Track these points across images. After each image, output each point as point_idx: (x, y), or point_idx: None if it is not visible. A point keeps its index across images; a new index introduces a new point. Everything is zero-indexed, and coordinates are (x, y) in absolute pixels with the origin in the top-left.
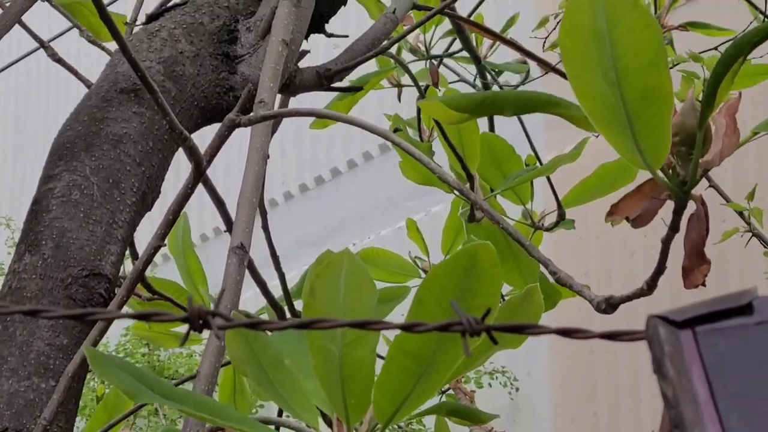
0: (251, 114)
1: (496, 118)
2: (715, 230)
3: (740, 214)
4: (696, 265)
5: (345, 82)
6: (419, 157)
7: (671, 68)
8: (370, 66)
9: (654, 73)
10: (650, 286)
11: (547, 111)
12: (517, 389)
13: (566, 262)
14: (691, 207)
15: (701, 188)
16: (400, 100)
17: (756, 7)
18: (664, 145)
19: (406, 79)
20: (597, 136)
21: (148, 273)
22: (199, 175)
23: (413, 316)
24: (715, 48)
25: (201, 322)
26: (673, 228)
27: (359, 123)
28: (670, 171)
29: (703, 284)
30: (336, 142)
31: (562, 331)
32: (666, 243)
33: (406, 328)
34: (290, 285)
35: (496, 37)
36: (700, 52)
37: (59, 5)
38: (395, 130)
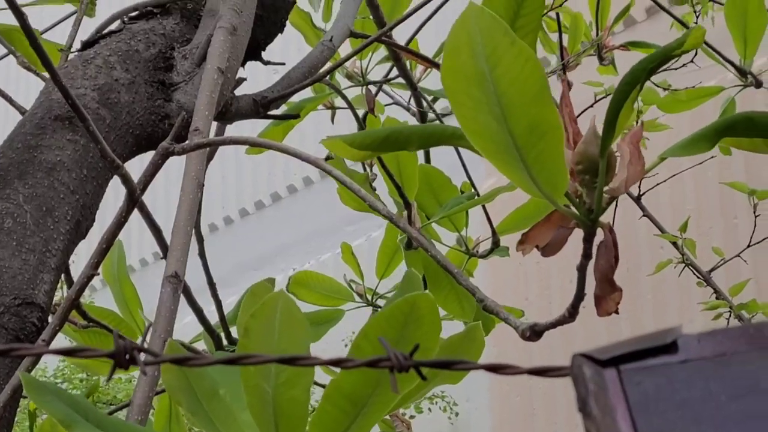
0: (186, 142)
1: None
2: (654, 258)
3: (674, 244)
4: (607, 293)
5: (282, 108)
6: (350, 186)
7: (605, 97)
8: (307, 91)
9: (539, 107)
10: (571, 313)
11: (452, 144)
12: (457, 414)
13: (506, 287)
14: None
15: (635, 216)
16: (333, 122)
17: (686, 26)
18: (561, 176)
19: (342, 101)
20: None
21: (86, 298)
22: (132, 203)
23: None
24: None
25: (128, 357)
26: (586, 256)
27: (293, 152)
28: (577, 199)
29: (616, 312)
30: (276, 167)
31: (491, 367)
32: (581, 271)
33: (335, 363)
34: (231, 308)
35: (432, 64)
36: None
37: None
38: (327, 158)
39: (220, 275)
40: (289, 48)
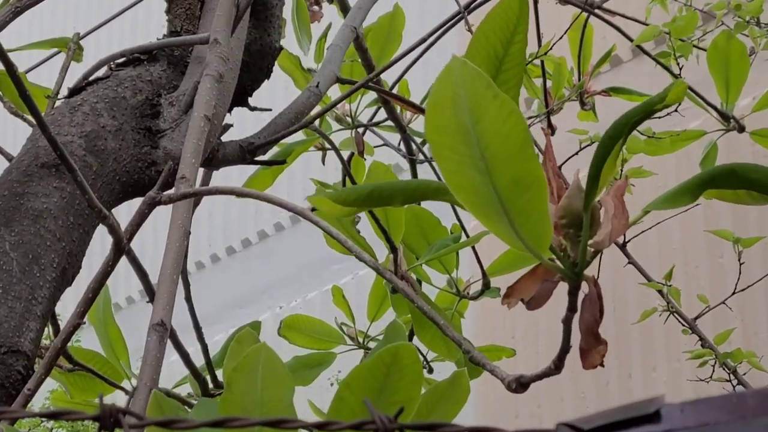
0: (172, 191)
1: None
2: (641, 303)
3: (660, 292)
4: (592, 346)
5: (271, 151)
6: (336, 236)
7: (590, 145)
8: (298, 134)
9: (523, 161)
10: (557, 365)
11: (437, 199)
12: None
13: (494, 325)
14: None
15: (620, 264)
16: (324, 163)
17: (671, 72)
18: (545, 230)
19: (332, 139)
20: None
21: (72, 338)
22: (119, 252)
23: (333, 413)
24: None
25: (112, 420)
26: (571, 309)
27: (278, 202)
28: (562, 253)
29: (602, 365)
30: (263, 205)
31: (476, 430)
32: (566, 323)
33: (320, 426)
34: (217, 348)
35: (418, 109)
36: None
37: None
38: (312, 210)
39: (207, 313)
40: (276, 92)
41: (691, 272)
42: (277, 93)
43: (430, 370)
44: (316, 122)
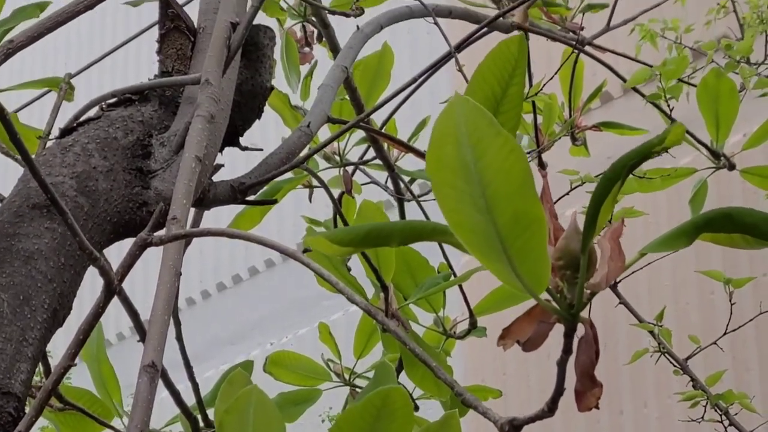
0: (163, 232)
1: (413, 218)
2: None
3: (651, 333)
4: (588, 389)
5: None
6: (328, 278)
7: (581, 185)
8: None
9: (523, 199)
10: (551, 408)
11: (433, 239)
12: None
13: (485, 362)
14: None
15: (612, 304)
16: (311, 201)
17: (662, 111)
18: (544, 270)
19: (321, 177)
20: None
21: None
22: (110, 294)
23: None
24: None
25: None
26: (566, 351)
27: (270, 244)
28: (558, 294)
29: (596, 407)
30: (255, 245)
31: None
32: (561, 365)
33: None
34: (208, 384)
35: (408, 148)
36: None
37: None
38: (304, 251)
39: (197, 349)
40: (267, 130)
41: (682, 308)
42: (268, 131)
43: (416, 408)
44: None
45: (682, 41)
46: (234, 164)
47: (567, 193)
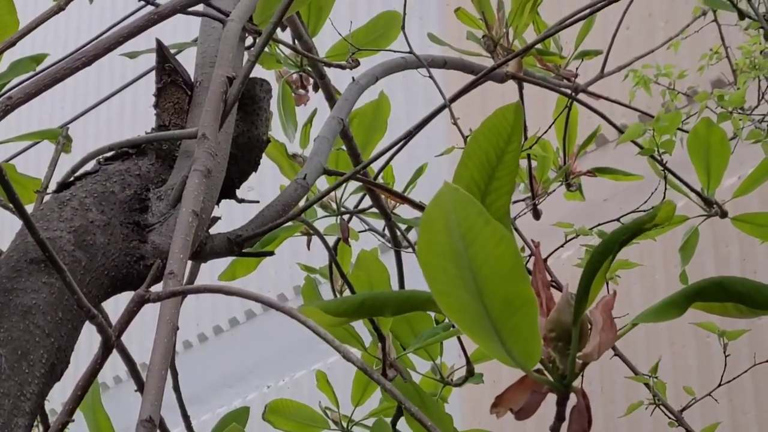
0: (160, 286)
1: (410, 269)
2: (628, 395)
3: (647, 385)
4: None
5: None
6: (324, 336)
7: (575, 238)
8: None
9: (514, 283)
10: None
11: (427, 310)
12: None
13: (482, 409)
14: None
15: (606, 357)
16: (309, 249)
17: (658, 161)
18: (535, 348)
19: (318, 225)
20: None
21: None
22: (108, 350)
23: None
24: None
25: None
26: (559, 419)
27: (266, 301)
28: (550, 365)
29: None
30: (250, 284)
31: None
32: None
33: None
34: (205, 428)
35: (404, 199)
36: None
37: None
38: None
39: (194, 392)
40: (264, 179)
41: (678, 351)
42: (264, 180)
43: None
44: None
45: (675, 87)
46: (231, 214)
47: (562, 246)
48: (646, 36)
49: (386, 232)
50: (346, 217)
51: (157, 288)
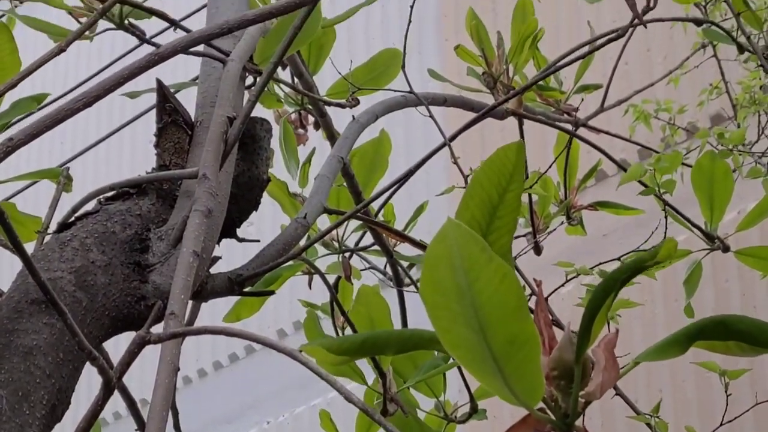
0: (161, 327)
1: (413, 307)
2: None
3: (648, 426)
4: None
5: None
6: (325, 376)
7: (575, 277)
8: None
9: (517, 321)
10: None
11: (430, 348)
12: None
13: None
14: None
15: (607, 396)
16: (310, 287)
17: (656, 195)
18: (538, 386)
19: (319, 263)
20: None
21: None
22: (109, 392)
23: None
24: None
25: None
26: None
27: (269, 343)
28: (553, 403)
29: None
30: (251, 319)
31: None
32: None
33: None
34: None
35: (405, 238)
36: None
37: None
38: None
39: (194, 429)
40: (264, 217)
41: (679, 385)
42: (264, 218)
43: None
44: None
45: (675, 122)
46: (230, 252)
47: (562, 285)
48: (644, 70)
49: (388, 269)
50: (347, 254)
51: (158, 328)
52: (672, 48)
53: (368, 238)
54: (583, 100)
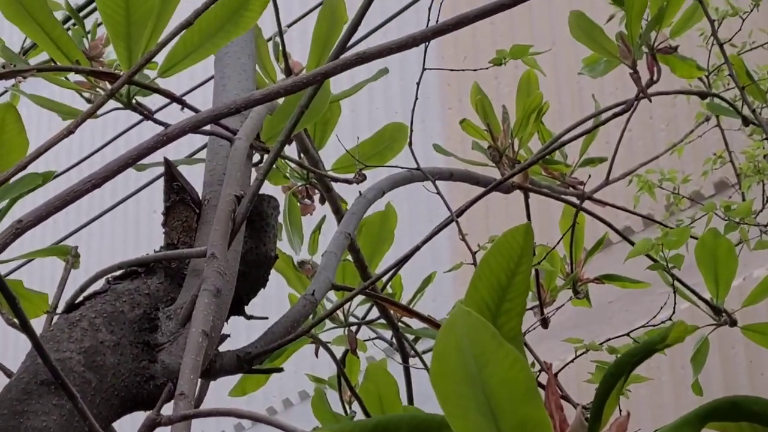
0: (171, 407)
1: (418, 379)
2: None
3: None
4: None
5: None
6: None
7: (584, 353)
8: None
9: (527, 406)
10: None
11: (442, 431)
12: None
13: None
14: None
15: None
16: (317, 356)
17: (663, 268)
18: None
19: (325, 335)
20: None
21: None
22: None
23: None
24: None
25: None
26: None
27: (276, 423)
28: None
29: None
30: (257, 394)
31: None
32: None
33: None
34: None
35: (412, 313)
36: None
37: None
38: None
39: None
40: (269, 289)
41: None
42: (270, 290)
43: None
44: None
45: (679, 191)
46: (235, 327)
47: (572, 361)
48: (647, 137)
49: (393, 339)
50: (354, 328)
51: (167, 408)
52: (674, 115)
53: (375, 312)
54: (590, 177)
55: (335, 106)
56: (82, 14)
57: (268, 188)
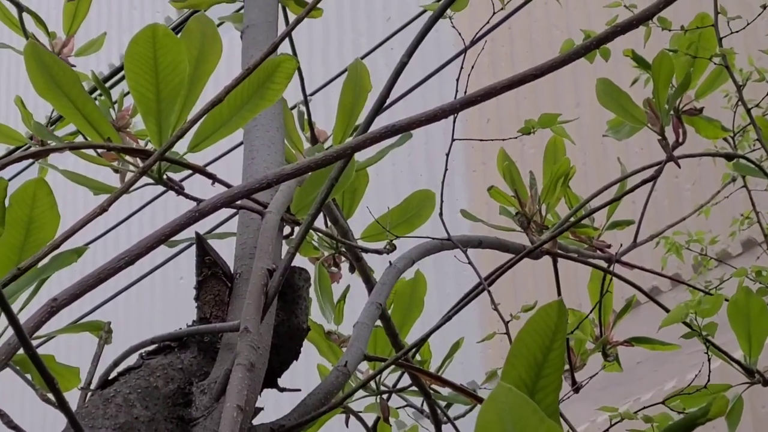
0: None
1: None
2: None
3: None
4: None
5: None
6: None
7: (620, 422)
8: None
9: None
10: None
11: None
12: None
13: None
14: None
15: None
16: (347, 425)
17: (693, 329)
18: None
19: (356, 404)
20: None
21: None
22: None
23: None
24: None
25: None
26: None
27: None
28: None
29: None
30: None
31: None
32: None
33: None
34: None
35: (443, 382)
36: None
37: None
38: None
39: None
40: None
41: None
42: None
43: None
44: None
45: (707, 253)
46: (265, 398)
47: (606, 430)
48: (672, 198)
49: (425, 406)
50: (385, 396)
51: None
52: (700, 175)
53: (406, 379)
54: (621, 245)
55: (362, 174)
56: (107, 84)
57: (296, 258)
